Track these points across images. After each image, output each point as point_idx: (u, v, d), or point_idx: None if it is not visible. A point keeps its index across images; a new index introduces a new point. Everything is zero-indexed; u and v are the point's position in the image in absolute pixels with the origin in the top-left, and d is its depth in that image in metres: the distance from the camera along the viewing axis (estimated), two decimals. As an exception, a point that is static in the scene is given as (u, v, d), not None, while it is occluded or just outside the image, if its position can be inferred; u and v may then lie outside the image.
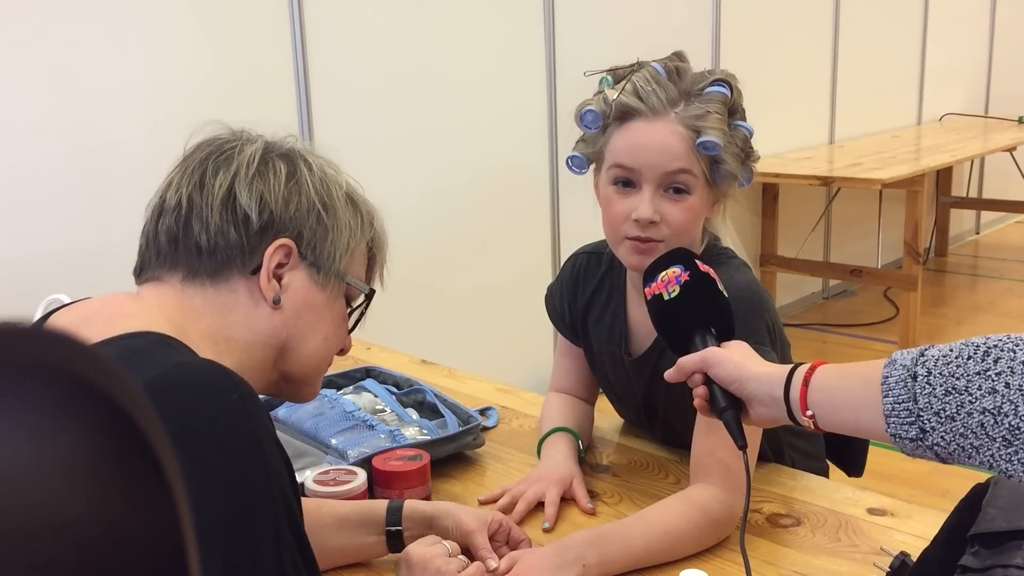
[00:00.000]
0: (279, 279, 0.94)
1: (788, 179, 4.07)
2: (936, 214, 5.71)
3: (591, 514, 1.29)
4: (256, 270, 0.92)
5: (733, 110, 1.25)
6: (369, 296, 1.04)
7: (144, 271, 0.95)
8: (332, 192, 0.97)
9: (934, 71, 5.61)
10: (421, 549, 1.06)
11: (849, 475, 1.59)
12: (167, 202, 0.92)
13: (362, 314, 1.04)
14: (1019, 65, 6.31)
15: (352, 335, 1.05)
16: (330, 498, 1.21)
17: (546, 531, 1.25)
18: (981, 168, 6.07)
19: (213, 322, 0.91)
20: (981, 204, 6.08)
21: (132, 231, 0.98)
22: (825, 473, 1.52)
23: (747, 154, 1.27)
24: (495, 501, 1.31)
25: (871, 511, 1.26)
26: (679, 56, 1.28)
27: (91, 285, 1.25)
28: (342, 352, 1.04)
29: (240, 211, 0.91)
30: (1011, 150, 5.06)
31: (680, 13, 3.86)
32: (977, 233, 6.36)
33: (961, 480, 1.06)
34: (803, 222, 4.67)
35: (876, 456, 1.55)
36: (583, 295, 1.45)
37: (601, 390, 1.55)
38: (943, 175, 5.63)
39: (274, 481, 0.77)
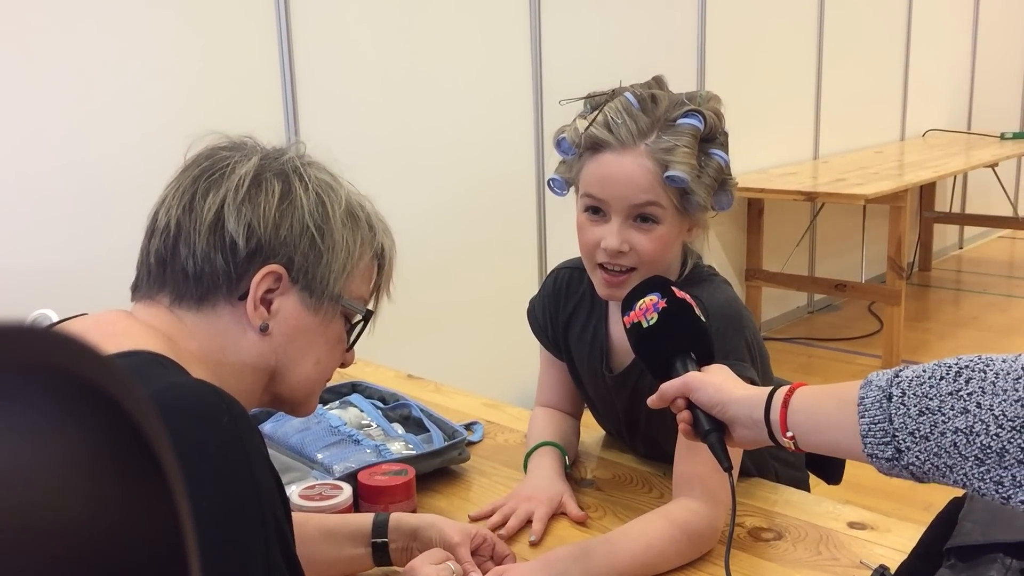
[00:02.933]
0: (268, 304, 0.91)
1: (773, 194, 4.10)
2: (920, 229, 5.76)
3: (584, 521, 1.31)
4: (243, 296, 0.90)
5: (710, 138, 1.26)
6: (367, 316, 1.00)
7: (138, 289, 0.94)
8: (328, 212, 0.93)
9: (917, 88, 5.66)
10: (428, 569, 1.05)
11: (828, 483, 1.60)
12: (158, 222, 0.91)
13: (360, 333, 1.01)
14: (1001, 82, 6.39)
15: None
16: (316, 512, 1.22)
17: (533, 545, 1.26)
18: (964, 184, 6.13)
19: (203, 345, 0.90)
20: (964, 219, 6.13)
21: (119, 246, 0.97)
22: (806, 482, 1.54)
23: (722, 182, 1.27)
24: (485, 518, 1.32)
25: (851, 525, 1.27)
26: (658, 82, 1.29)
27: (78, 300, 1.25)
28: (343, 366, 1.02)
29: (227, 237, 0.88)
30: (993, 166, 5.11)
31: (665, 30, 3.89)
32: (960, 248, 6.42)
33: (944, 494, 1.08)
34: (788, 237, 4.71)
35: (860, 469, 1.56)
36: (564, 310, 1.46)
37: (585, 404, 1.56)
38: (926, 190, 5.68)
39: (265, 503, 0.76)
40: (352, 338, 1.01)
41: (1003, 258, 6.23)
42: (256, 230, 0.89)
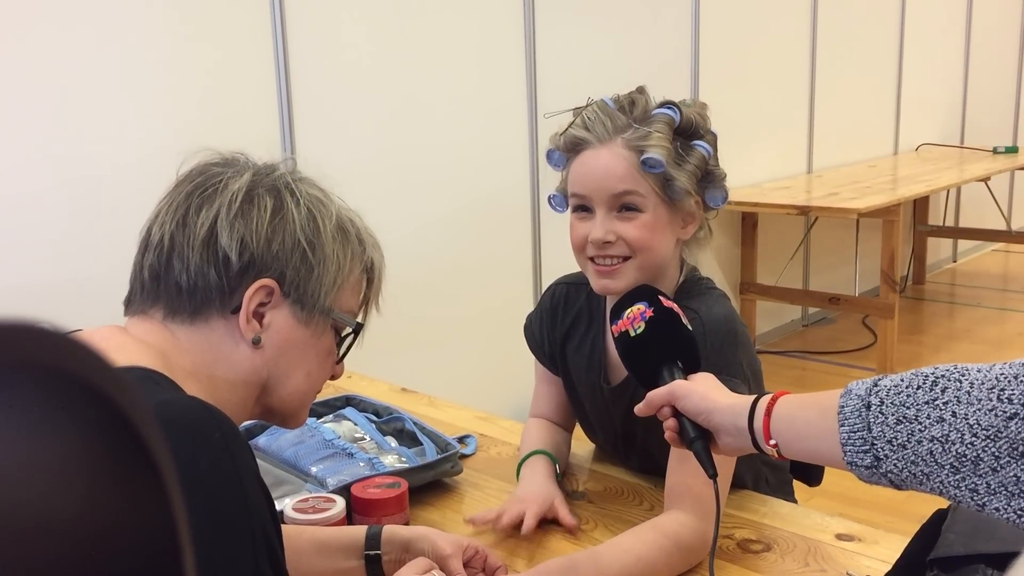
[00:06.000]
0: (261, 318, 0.93)
1: (767, 208, 4.13)
2: (913, 243, 5.78)
3: (575, 529, 1.31)
4: (236, 310, 0.91)
5: (690, 133, 1.29)
6: (357, 329, 1.02)
7: (131, 303, 0.95)
8: (320, 227, 0.95)
9: (910, 102, 5.70)
10: None
11: (809, 485, 1.60)
12: (151, 237, 0.93)
13: (350, 346, 1.03)
14: (993, 96, 6.42)
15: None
16: (309, 525, 1.23)
17: (524, 535, 1.27)
18: (957, 197, 6.16)
19: (196, 359, 0.91)
20: (958, 233, 6.16)
21: (113, 262, 0.98)
22: (790, 484, 1.56)
23: (707, 173, 1.30)
24: (481, 520, 1.31)
25: (839, 536, 1.29)
26: (639, 90, 1.33)
27: (72, 316, 1.27)
28: (332, 378, 1.04)
29: (220, 252, 0.90)
30: (986, 180, 5.14)
31: (659, 46, 3.92)
32: (954, 261, 6.44)
33: (937, 507, 1.09)
34: (782, 250, 4.73)
35: (852, 482, 1.58)
36: (562, 325, 1.47)
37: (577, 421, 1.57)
38: (920, 204, 5.70)
39: (255, 519, 0.77)
40: (342, 351, 1.03)
41: (997, 271, 6.25)
42: (249, 245, 0.91)
